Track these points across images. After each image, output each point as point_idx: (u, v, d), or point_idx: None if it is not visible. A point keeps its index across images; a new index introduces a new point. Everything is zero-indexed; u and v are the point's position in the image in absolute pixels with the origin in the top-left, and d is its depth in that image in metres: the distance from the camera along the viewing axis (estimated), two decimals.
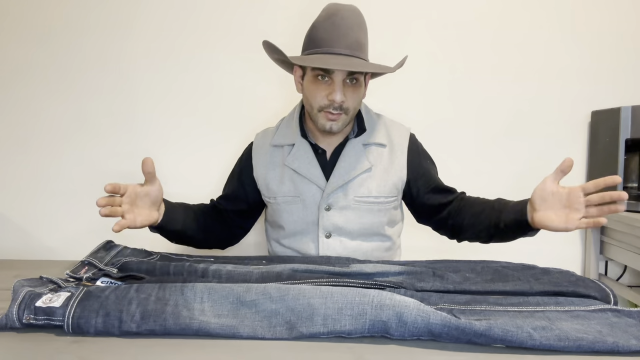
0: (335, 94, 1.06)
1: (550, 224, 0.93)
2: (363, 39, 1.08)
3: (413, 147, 1.22)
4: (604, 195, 0.86)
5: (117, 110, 1.79)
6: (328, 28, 1.05)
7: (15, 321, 0.73)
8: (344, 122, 1.11)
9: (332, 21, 1.05)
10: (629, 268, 1.80)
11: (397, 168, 1.18)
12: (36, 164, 1.81)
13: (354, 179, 1.15)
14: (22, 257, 1.75)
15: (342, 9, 1.07)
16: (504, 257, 1.06)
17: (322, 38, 1.06)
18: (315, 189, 1.16)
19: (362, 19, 1.09)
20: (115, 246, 1.08)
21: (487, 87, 1.78)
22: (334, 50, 1.05)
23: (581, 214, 0.90)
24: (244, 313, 0.73)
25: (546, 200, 0.94)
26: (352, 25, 1.05)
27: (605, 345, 0.66)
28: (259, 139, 1.27)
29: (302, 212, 1.17)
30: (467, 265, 0.97)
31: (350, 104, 1.09)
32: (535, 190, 0.95)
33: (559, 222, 0.92)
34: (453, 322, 0.68)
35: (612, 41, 1.76)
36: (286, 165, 1.18)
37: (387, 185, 1.17)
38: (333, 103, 1.07)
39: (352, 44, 1.05)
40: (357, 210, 1.16)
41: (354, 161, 1.16)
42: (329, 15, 1.06)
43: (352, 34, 1.05)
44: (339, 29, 1.05)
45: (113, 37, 1.77)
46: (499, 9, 1.76)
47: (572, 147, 1.78)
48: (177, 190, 1.80)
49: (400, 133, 1.22)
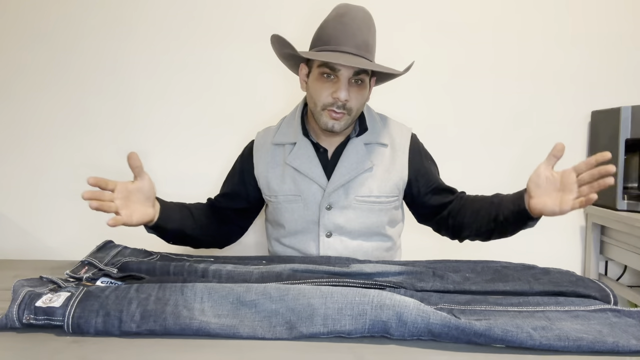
0: (340, 92, 1.06)
1: (545, 208, 0.93)
2: (371, 41, 1.08)
3: (414, 147, 1.22)
4: (593, 172, 0.87)
5: (117, 110, 1.79)
6: (337, 27, 1.06)
7: (15, 321, 0.73)
8: (346, 122, 1.11)
9: (341, 20, 1.06)
10: (629, 268, 1.80)
11: (398, 168, 1.18)
12: (36, 164, 1.81)
13: (355, 178, 1.15)
14: (22, 257, 1.75)
15: (352, 9, 1.08)
16: (504, 258, 1.05)
17: (330, 36, 1.07)
18: (316, 187, 1.16)
19: (372, 21, 1.09)
20: (115, 246, 1.08)
21: (487, 87, 1.78)
22: (342, 48, 1.05)
23: (575, 194, 0.90)
24: (244, 313, 0.73)
25: (540, 186, 0.95)
26: (361, 26, 1.06)
27: (605, 345, 0.66)
28: (260, 137, 1.27)
29: (303, 211, 1.17)
30: (467, 266, 0.97)
31: (354, 104, 1.09)
32: (530, 177, 0.97)
33: (553, 205, 0.92)
34: (453, 322, 0.68)
35: (612, 41, 1.76)
36: (287, 163, 1.17)
37: (388, 185, 1.17)
38: (337, 101, 1.07)
39: (360, 44, 1.06)
40: (358, 210, 1.16)
41: (355, 160, 1.16)
42: (339, 14, 1.07)
43: (360, 34, 1.06)
44: (348, 28, 1.05)
45: (111, 37, 1.77)
46: (498, 10, 1.76)
47: (572, 147, 1.78)
48: (177, 189, 1.80)
49: (402, 133, 1.22)
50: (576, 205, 0.89)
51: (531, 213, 0.98)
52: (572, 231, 1.81)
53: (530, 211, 0.98)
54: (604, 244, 1.74)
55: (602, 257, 1.77)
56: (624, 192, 1.61)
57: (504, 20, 1.76)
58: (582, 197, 0.88)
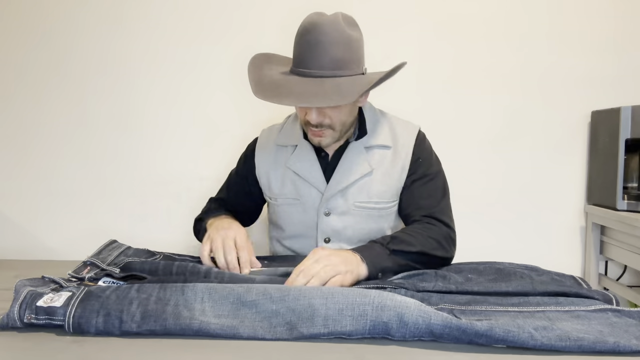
0: (310, 115, 1.03)
1: None
2: (341, 54, 0.99)
3: (418, 148, 1.15)
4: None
5: (118, 111, 1.79)
6: (303, 46, 1.00)
7: (16, 321, 0.73)
8: (333, 137, 1.08)
9: (305, 39, 0.99)
10: (629, 268, 1.80)
11: (399, 171, 1.13)
12: (36, 164, 1.81)
13: (353, 183, 1.11)
14: (22, 257, 1.74)
15: (318, 23, 0.99)
16: (504, 258, 1.05)
17: (296, 56, 1.02)
18: (315, 192, 1.14)
19: (343, 32, 0.99)
20: (118, 246, 1.08)
21: (486, 87, 1.78)
22: (306, 71, 0.99)
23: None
24: (244, 313, 0.73)
25: None
26: (327, 43, 0.98)
27: (606, 345, 0.66)
28: (264, 136, 1.24)
29: (301, 216, 1.16)
30: (469, 266, 0.97)
31: (335, 120, 1.05)
32: None
33: None
34: (454, 323, 0.68)
35: (612, 41, 1.76)
36: (288, 167, 1.15)
37: (389, 189, 1.13)
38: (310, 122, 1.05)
39: (325, 64, 0.98)
40: (357, 216, 1.13)
41: (353, 165, 1.12)
42: (305, 31, 1.00)
43: (326, 52, 0.98)
44: (313, 48, 0.98)
45: (113, 39, 1.77)
46: (498, 10, 1.76)
47: (572, 147, 1.78)
48: (178, 190, 1.80)
49: (407, 132, 1.15)
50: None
51: None
52: (572, 231, 1.81)
53: None
54: (604, 244, 1.75)
55: (602, 257, 1.77)
56: (624, 192, 1.61)
57: (504, 20, 1.76)
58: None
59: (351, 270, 0.89)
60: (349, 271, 0.88)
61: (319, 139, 1.08)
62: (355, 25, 1.05)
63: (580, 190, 1.79)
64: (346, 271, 0.88)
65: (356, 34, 1.03)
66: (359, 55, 1.04)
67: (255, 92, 1.00)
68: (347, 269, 0.88)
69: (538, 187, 1.78)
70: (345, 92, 0.97)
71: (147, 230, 1.80)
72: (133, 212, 1.80)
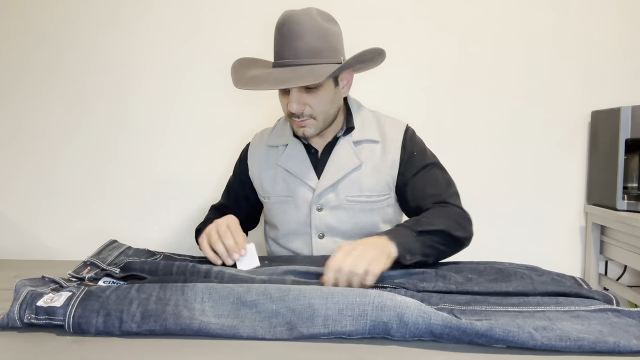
0: (291, 104, 1.07)
1: None
2: (316, 42, 1.03)
3: (408, 142, 1.16)
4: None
5: (117, 111, 1.79)
6: (279, 39, 1.06)
7: (16, 320, 0.73)
8: (317, 127, 1.11)
9: (281, 32, 1.05)
10: (629, 268, 1.80)
11: (388, 164, 1.15)
12: (36, 164, 1.81)
13: (344, 178, 1.14)
14: (22, 257, 1.75)
15: (292, 15, 1.05)
16: (505, 257, 1.05)
17: (275, 52, 1.08)
18: (306, 189, 1.16)
19: (317, 21, 1.04)
20: (119, 246, 1.08)
21: (486, 86, 1.78)
22: (283, 61, 1.05)
23: None
24: (244, 313, 0.73)
25: None
26: (302, 32, 1.03)
27: (606, 345, 0.66)
28: (256, 139, 1.28)
29: (294, 213, 1.17)
30: (469, 266, 0.97)
31: (315, 109, 1.08)
32: None
33: None
34: (454, 323, 0.68)
35: (612, 41, 1.76)
36: (279, 165, 1.18)
37: (379, 183, 1.15)
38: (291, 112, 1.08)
39: (301, 52, 1.03)
40: (350, 210, 1.15)
41: (343, 160, 1.15)
42: (279, 25, 1.06)
43: (301, 41, 1.03)
44: (288, 38, 1.04)
45: (113, 39, 1.77)
46: (498, 10, 1.76)
47: (572, 147, 1.78)
48: (178, 190, 1.80)
49: (394, 128, 1.18)
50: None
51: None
52: (572, 231, 1.81)
53: None
54: (604, 244, 1.75)
55: (602, 257, 1.77)
56: (624, 192, 1.61)
57: (504, 20, 1.76)
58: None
59: (382, 249, 0.89)
60: (378, 253, 0.88)
61: (302, 129, 1.11)
62: (332, 20, 1.10)
63: (580, 190, 1.79)
64: (378, 254, 0.88)
65: (332, 27, 1.08)
66: (335, 46, 1.08)
67: (235, 83, 1.07)
68: (376, 251, 0.88)
69: (538, 187, 1.78)
70: (317, 74, 1.01)
71: (147, 230, 1.80)
72: (133, 212, 1.80)
